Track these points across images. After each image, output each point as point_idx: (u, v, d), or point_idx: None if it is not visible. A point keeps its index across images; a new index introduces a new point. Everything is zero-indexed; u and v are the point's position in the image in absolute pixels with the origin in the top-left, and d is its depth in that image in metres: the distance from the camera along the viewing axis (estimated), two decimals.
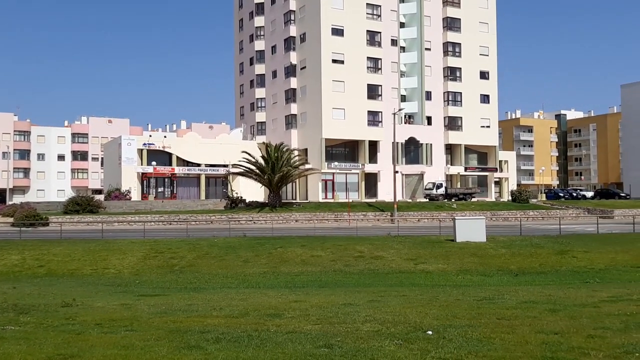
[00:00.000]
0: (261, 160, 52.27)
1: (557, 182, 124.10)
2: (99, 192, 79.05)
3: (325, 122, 61.47)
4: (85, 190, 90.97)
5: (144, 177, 61.31)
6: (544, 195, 75.42)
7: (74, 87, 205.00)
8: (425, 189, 63.58)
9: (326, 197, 61.21)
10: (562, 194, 73.79)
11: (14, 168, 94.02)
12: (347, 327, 8.30)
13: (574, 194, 73.00)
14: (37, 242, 29.99)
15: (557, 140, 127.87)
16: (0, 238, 32.28)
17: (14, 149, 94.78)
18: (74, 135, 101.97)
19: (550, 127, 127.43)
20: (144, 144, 62.02)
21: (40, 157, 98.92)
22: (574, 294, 12.86)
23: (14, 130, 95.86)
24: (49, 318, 9.84)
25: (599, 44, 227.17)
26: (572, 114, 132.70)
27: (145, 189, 61.29)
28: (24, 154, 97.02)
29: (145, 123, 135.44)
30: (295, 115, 66.39)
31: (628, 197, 73.43)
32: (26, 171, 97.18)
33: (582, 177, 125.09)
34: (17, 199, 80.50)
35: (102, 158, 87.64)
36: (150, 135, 71.58)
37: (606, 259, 28.11)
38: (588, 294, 12.92)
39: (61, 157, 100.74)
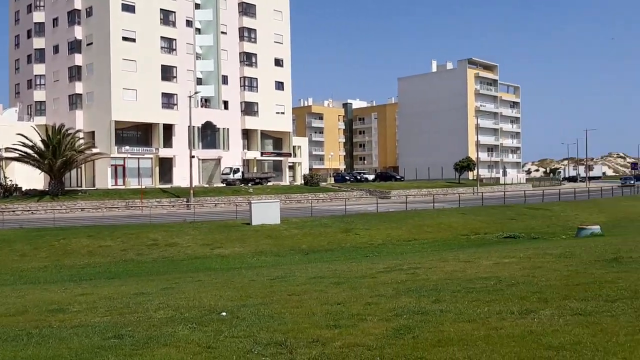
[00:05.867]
0: (40, 144, 47.25)
1: (344, 167, 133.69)
2: None
3: (114, 103, 57.83)
4: None
5: None
6: (332, 178, 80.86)
7: None
8: (223, 174, 63.58)
9: (116, 184, 57.77)
10: (348, 178, 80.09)
11: None
12: (139, 316, 8.03)
13: (358, 177, 79.88)
14: None
15: (344, 127, 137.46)
16: None
17: None
18: None
19: (339, 115, 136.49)
20: None
21: None
22: (355, 267, 14.10)
23: None
24: None
25: (379, 41, 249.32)
26: (357, 104, 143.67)
27: None
28: None
29: None
30: (81, 95, 61.28)
31: (402, 179, 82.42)
32: None
33: (365, 162, 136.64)
34: None
35: None
36: None
37: (383, 234, 31.38)
38: (367, 266, 14.27)
39: None
